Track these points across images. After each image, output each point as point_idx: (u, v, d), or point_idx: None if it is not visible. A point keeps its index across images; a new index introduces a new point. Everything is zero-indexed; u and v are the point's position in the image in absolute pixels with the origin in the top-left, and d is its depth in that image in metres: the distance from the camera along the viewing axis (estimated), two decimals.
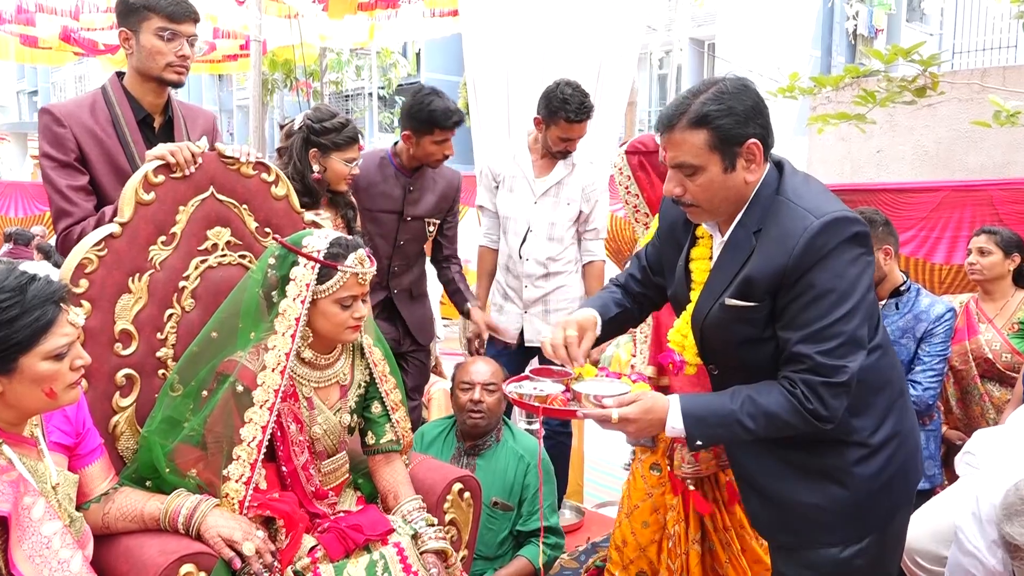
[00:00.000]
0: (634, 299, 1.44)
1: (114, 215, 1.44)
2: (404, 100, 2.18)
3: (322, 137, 1.88)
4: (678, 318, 1.34)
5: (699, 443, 1.19)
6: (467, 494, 1.61)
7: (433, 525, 1.48)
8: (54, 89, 21.03)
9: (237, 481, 1.30)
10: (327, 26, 5.59)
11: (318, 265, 1.37)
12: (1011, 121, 1.87)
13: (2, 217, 6.50)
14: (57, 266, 1.40)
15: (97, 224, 1.49)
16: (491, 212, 2.49)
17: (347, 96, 16.12)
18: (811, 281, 1.12)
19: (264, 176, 1.61)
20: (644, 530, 1.87)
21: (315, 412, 1.44)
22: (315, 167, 1.89)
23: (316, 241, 1.40)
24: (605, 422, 1.19)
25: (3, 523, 1.02)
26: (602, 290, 1.46)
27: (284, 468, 1.40)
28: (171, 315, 1.49)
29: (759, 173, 1.18)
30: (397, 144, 2.22)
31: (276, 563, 1.28)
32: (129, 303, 1.42)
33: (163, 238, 1.47)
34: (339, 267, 1.38)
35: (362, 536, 1.39)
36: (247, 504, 1.30)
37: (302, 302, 1.37)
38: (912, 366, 2.09)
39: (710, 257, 1.27)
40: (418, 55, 15.46)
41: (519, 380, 1.36)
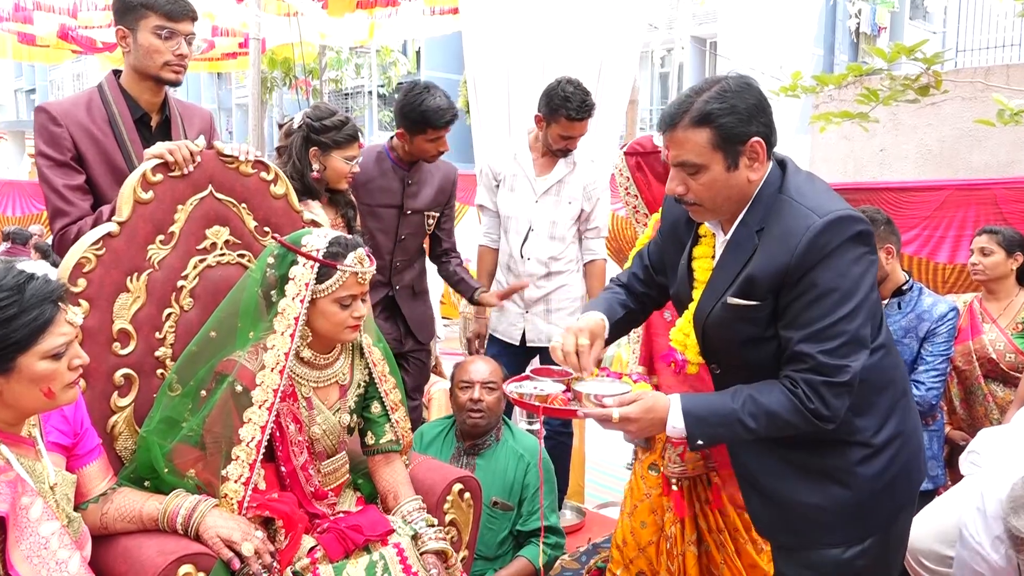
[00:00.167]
0: (637, 299, 1.43)
1: (112, 214, 1.43)
2: (397, 97, 2.16)
3: (322, 135, 1.87)
4: (680, 317, 1.33)
5: (700, 443, 1.18)
6: (467, 494, 1.60)
7: (433, 526, 1.48)
8: (52, 87, 21.01)
9: (236, 481, 1.30)
10: (327, 24, 5.57)
11: (317, 264, 1.37)
12: (1015, 120, 1.87)
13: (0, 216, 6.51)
14: (55, 265, 1.39)
15: (94, 223, 1.49)
16: (491, 211, 2.48)
17: (347, 94, 16.12)
18: (814, 280, 1.12)
19: (263, 175, 1.60)
20: (643, 530, 1.86)
21: (314, 412, 1.44)
22: (315, 166, 1.88)
23: (315, 240, 1.39)
24: (606, 422, 1.18)
25: (1, 523, 1.01)
26: (605, 291, 1.46)
27: (283, 468, 1.39)
28: (170, 314, 1.48)
29: (762, 172, 1.17)
30: (393, 139, 2.21)
31: (275, 564, 1.27)
32: (127, 302, 1.42)
33: (161, 237, 1.46)
34: (338, 266, 1.37)
35: (362, 537, 1.39)
36: (246, 504, 1.30)
37: (301, 301, 1.36)
38: (915, 366, 2.08)
39: (713, 256, 1.27)
40: (418, 53, 15.44)
41: (520, 380, 1.36)
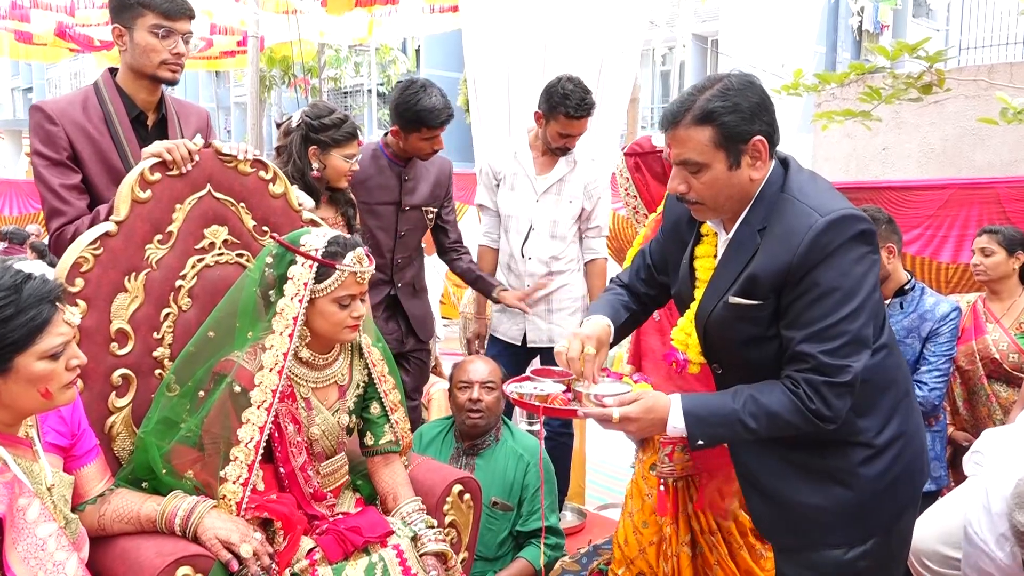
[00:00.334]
0: (639, 299, 1.43)
1: (109, 214, 1.42)
2: (393, 94, 2.15)
3: (321, 134, 1.86)
4: (682, 316, 1.33)
5: (700, 443, 1.18)
6: (467, 496, 1.60)
7: (433, 527, 1.47)
8: (49, 86, 20.93)
9: (234, 482, 1.29)
10: (326, 22, 5.55)
11: (316, 264, 1.36)
12: (1018, 118, 1.86)
13: None
14: (51, 265, 1.38)
15: (91, 223, 1.48)
16: (491, 211, 2.47)
17: (346, 93, 16.08)
18: (815, 279, 1.11)
19: (262, 174, 1.59)
20: (645, 530, 1.86)
21: (313, 413, 1.43)
22: (315, 164, 1.88)
23: (314, 240, 1.38)
24: (606, 421, 1.18)
25: None
26: (607, 292, 1.45)
27: (282, 469, 1.39)
28: (168, 314, 1.47)
29: (764, 170, 1.17)
30: (387, 135, 2.20)
31: (274, 565, 1.27)
32: (125, 302, 1.41)
33: (159, 237, 1.45)
34: (337, 266, 1.37)
35: (361, 538, 1.38)
36: (245, 506, 1.29)
37: (300, 301, 1.35)
38: (917, 366, 2.07)
39: (715, 255, 1.26)
40: (418, 51, 15.39)
41: (520, 380, 1.35)
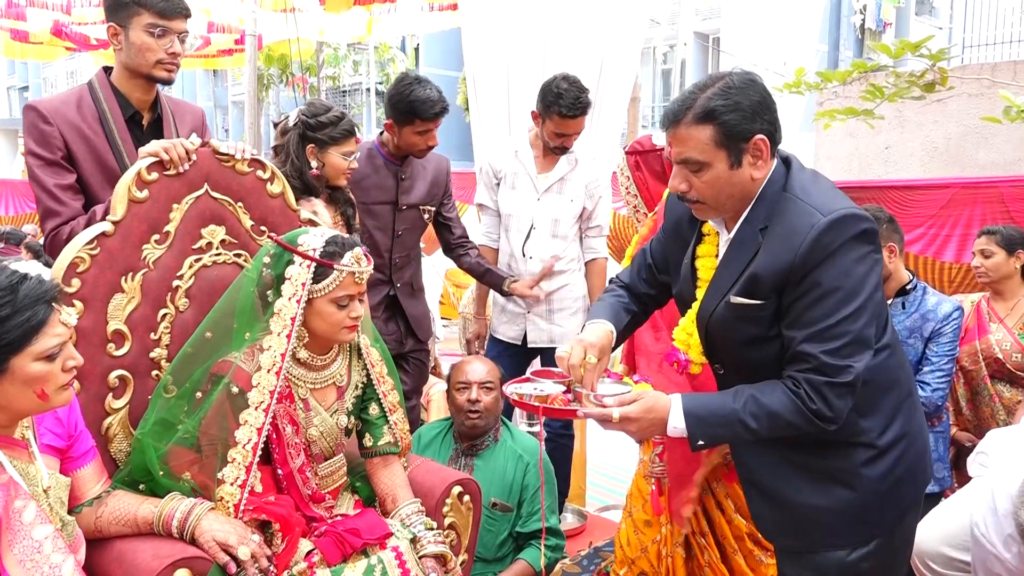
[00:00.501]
0: (639, 300, 1.42)
1: (105, 214, 1.41)
2: (388, 87, 2.15)
3: (318, 132, 1.85)
4: (683, 316, 1.32)
5: (701, 443, 1.17)
6: (467, 497, 1.59)
7: (432, 529, 1.46)
8: (45, 84, 20.82)
9: (232, 484, 1.28)
10: (324, 20, 5.54)
11: (314, 264, 1.35)
12: (1022, 117, 1.85)
13: None
14: (48, 265, 1.38)
15: (87, 223, 1.47)
16: (491, 210, 2.46)
17: (344, 91, 16.02)
18: (817, 279, 1.10)
19: (259, 173, 1.58)
20: (647, 530, 1.85)
21: (311, 414, 1.42)
22: (313, 163, 1.87)
23: (312, 239, 1.37)
24: (606, 422, 1.17)
25: None
26: (608, 293, 1.44)
27: (280, 471, 1.38)
28: (165, 315, 1.47)
29: (766, 169, 1.16)
30: (383, 134, 2.19)
31: (272, 568, 1.26)
32: (122, 303, 1.40)
33: (156, 236, 1.44)
34: (335, 266, 1.36)
35: (360, 540, 1.37)
36: (242, 508, 1.28)
37: (298, 301, 1.35)
38: (920, 367, 2.06)
39: (716, 254, 1.25)
40: (417, 50, 15.34)
41: (520, 382, 1.34)
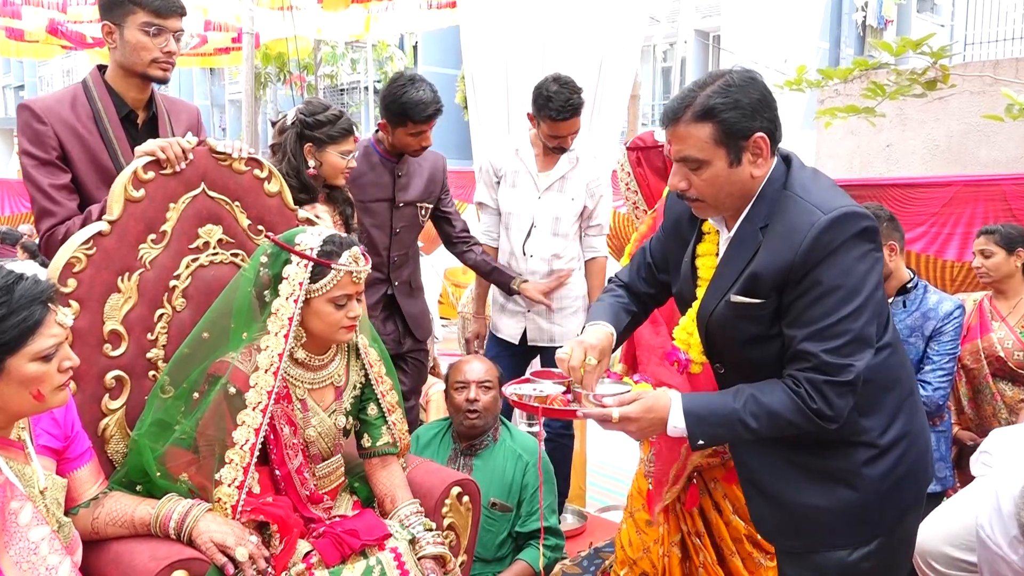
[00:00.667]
0: (639, 299, 1.42)
1: (101, 214, 1.41)
2: (382, 87, 2.14)
3: (316, 131, 1.85)
4: (683, 316, 1.31)
5: (701, 442, 1.17)
6: (466, 498, 1.58)
7: (431, 530, 1.46)
8: (41, 83, 20.69)
9: (230, 485, 1.28)
10: (322, 18, 5.53)
11: (311, 263, 1.34)
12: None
13: None
14: (44, 265, 1.37)
15: (83, 223, 1.46)
16: (491, 209, 2.45)
17: (342, 90, 15.97)
18: (818, 278, 1.10)
19: (257, 172, 1.58)
20: (649, 529, 1.84)
21: (309, 414, 1.42)
22: (310, 162, 1.86)
23: (309, 239, 1.37)
24: (606, 422, 1.17)
25: None
26: (608, 293, 1.43)
27: (278, 472, 1.37)
28: (162, 315, 1.46)
29: (766, 168, 1.16)
30: (378, 132, 2.19)
31: (270, 569, 1.26)
32: (118, 303, 1.40)
33: (153, 236, 1.44)
34: (333, 265, 1.35)
35: (358, 541, 1.36)
36: (240, 509, 1.28)
37: (295, 301, 1.34)
38: (921, 365, 2.05)
39: (716, 253, 1.25)
40: (415, 48, 15.30)
41: (519, 382, 1.33)
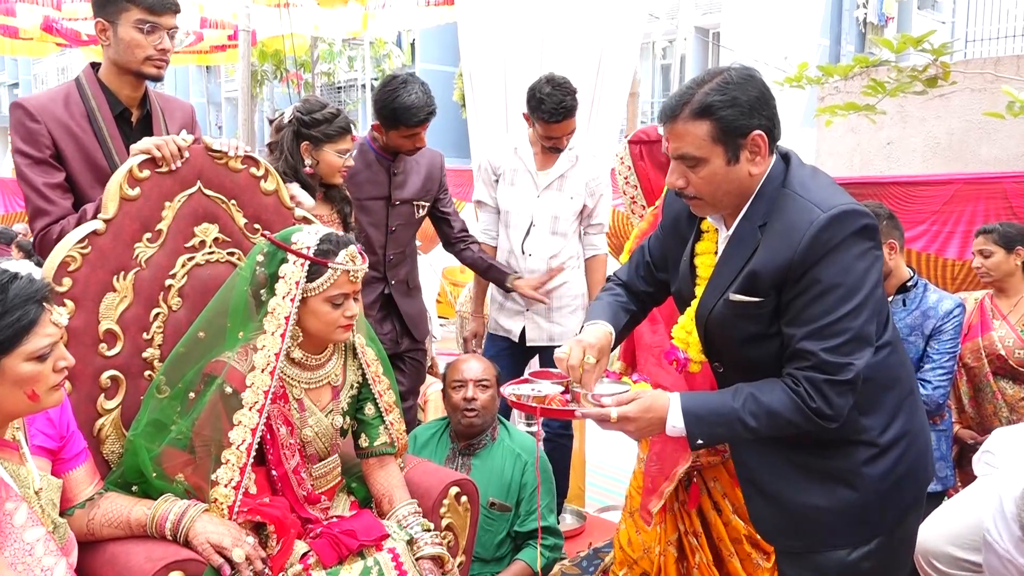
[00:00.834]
0: (638, 298, 1.41)
1: (96, 213, 1.40)
2: (376, 87, 2.13)
3: (312, 129, 1.84)
4: (682, 315, 1.30)
5: (700, 442, 1.16)
6: (464, 498, 1.57)
7: (429, 530, 1.45)
8: (36, 81, 20.60)
9: (226, 486, 1.27)
10: (319, 15, 5.51)
11: (308, 262, 1.34)
12: None
13: None
14: (39, 264, 1.36)
15: (78, 222, 1.45)
16: (490, 208, 2.45)
17: (339, 88, 15.92)
18: (817, 276, 1.09)
19: (253, 170, 1.57)
20: (650, 529, 1.83)
21: (306, 414, 1.41)
22: (307, 161, 1.85)
23: (306, 237, 1.36)
24: (604, 422, 1.16)
25: None
26: (606, 292, 1.42)
27: (274, 472, 1.37)
28: (157, 314, 1.45)
29: (764, 166, 1.15)
30: (372, 130, 2.18)
31: (267, 570, 1.25)
32: (114, 302, 1.39)
33: (148, 235, 1.43)
34: (329, 264, 1.34)
35: (356, 542, 1.36)
36: (236, 509, 1.27)
37: (292, 300, 1.33)
38: (921, 364, 2.04)
39: (715, 252, 1.24)
40: (412, 45, 15.26)
41: (518, 383, 1.33)
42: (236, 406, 1.30)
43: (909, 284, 2.08)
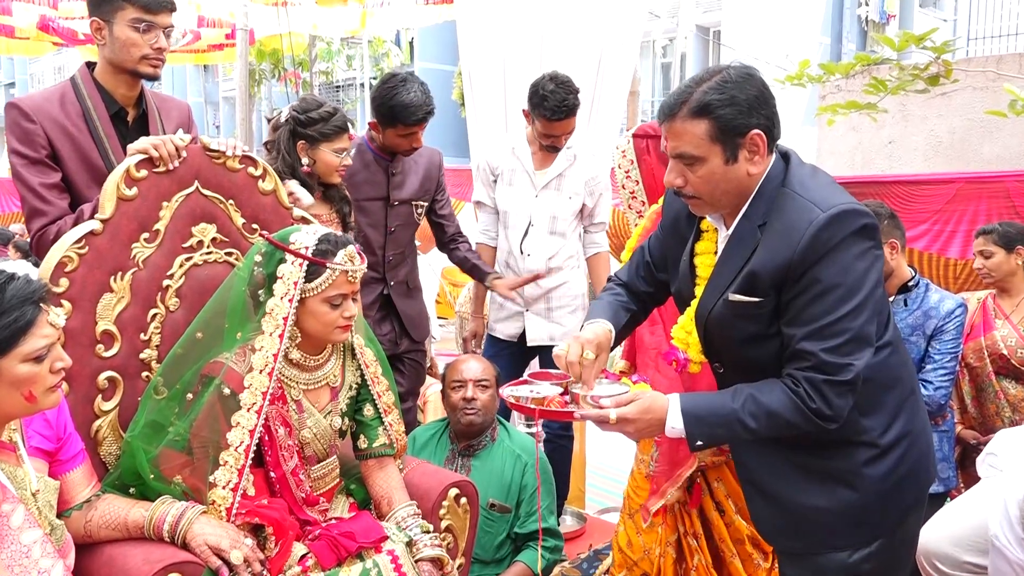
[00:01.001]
0: (638, 298, 1.41)
1: (93, 213, 1.40)
2: (374, 86, 2.12)
3: (309, 128, 1.83)
4: (682, 315, 1.30)
5: (699, 443, 1.16)
6: (463, 500, 1.57)
7: (429, 532, 1.44)
8: (32, 81, 20.58)
9: (224, 487, 1.27)
10: (317, 14, 5.50)
11: (306, 262, 1.33)
12: None
13: None
14: (36, 265, 1.36)
15: (75, 223, 1.45)
16: (489, 208, 2.44)
17: (338, 87, 15.90)
18: (817, 276, 1.09)
19: (251, 170, 1.56)
20: (650, 531, 1.83)
21: (304, 415, 1.41)
22: (304, 160, 1.84)
23: (304, 238, 1.35)
24: (603, 423, 1.16)
25: None
26: (607, 292, 1.42)
27: (273, 473, 1.36)
28: (155, 315, 1.45)
29: (763, 165, 1.15)
30: (370, 130, 2.17)
31: (265, 572, 1.25)
32: (111, 303, 1.38)
33: (146, 235, 1.43)
34: (328, 264, 1.34)
35: (355, 544, 1.35)
36: (235, 511, 1.27)
37: (290, 301, 1.33)
38: (923, 364, 2.03)
39: (715, 251, 1.24)
40: (411, 44, 15.23)
41: (517, 384, 1.32)
42: (234, 407, 1.30)
43: (911, 284, 2.08)
